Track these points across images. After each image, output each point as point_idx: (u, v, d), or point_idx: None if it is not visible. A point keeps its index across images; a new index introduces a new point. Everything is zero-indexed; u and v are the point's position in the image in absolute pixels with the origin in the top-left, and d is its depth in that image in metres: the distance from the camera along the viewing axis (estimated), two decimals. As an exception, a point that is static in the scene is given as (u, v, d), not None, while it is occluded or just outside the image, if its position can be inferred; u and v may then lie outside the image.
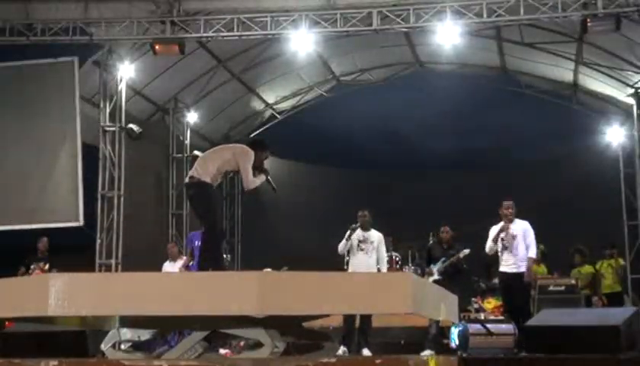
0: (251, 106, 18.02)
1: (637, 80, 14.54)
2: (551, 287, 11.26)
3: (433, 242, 11.03)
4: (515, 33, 14.15)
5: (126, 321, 5.43)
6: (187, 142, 16.41)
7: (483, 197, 13.16)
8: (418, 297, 4.72)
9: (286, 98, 18.13)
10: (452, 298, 6.13)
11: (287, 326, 5.30)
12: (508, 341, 9.12)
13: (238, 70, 15.96)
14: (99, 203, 13.29)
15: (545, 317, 8.46)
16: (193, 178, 6.91)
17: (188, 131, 16.53)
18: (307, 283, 4.63)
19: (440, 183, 17.57)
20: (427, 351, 8.74)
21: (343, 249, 9.55)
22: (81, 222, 12.72)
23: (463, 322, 9.77)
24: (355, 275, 6.85)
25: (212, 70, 15.50)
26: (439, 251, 10.10)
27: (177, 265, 11.35)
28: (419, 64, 17.06)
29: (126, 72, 13.70)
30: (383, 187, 17.61)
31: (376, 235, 9.55)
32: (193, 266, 10.79)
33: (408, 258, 13.42)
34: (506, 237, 9.28)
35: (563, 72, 15.87)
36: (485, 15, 12.18)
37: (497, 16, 12.17)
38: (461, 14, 12.34)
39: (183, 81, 15.65)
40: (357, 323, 9.00)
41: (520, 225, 9.33)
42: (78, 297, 4.55)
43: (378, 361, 4.74)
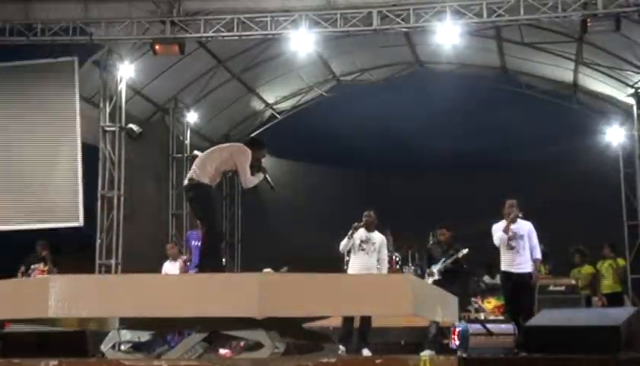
0: (251, 106, 18.02)
1: (637, 80, 14.54)
2: (551, 287, 11.26)
3: (432, 242, 11.04)
4: (515, 33, 14.16)
5: (126, 322, 5.43)
6: (187, 142, 16.41)
7: (483, 197, 13.16)
8: (418, 299, 4.72)
9: (286, 98, 18.14)
10: (451, 299, 6.14)
11: (287, 327, 5.30)
12: (508, 341, 9.14)
13: (238, 70, 15.96)
14: (99, 203, 13.29)
15: (545, 317, 8.45)
16: (192, 180, 6.92)
17: (188, 131, 16.54)
18: (307, 285, 4.64)
19: (440, 183, 17.55)
20: (427, 351, 8.73)
21: (344, 248, 9.52)
22: (81, 222, 12.72)
23: (463, 322, 9.79)
24: (355, 277, 6.85)
25: (212, 70, 15.51)
26: (438, 251, 10.13)
27: (178, 265, 11.39)
28: (419, 64, 17.06)
29: (126, 72, 13.71)
30: (383, 187, 17.61)
31: (378, 236, 9.54)
32: (191, 266, 10.82)
33: (408, 259, 13.42)
34: (513, 237, 9.18)
35: (563, 72, 15.87)
36: (485, 15, 12.19)
37: (497, 16, 12.17)
38: (461, 14, 12.35)
39: (183, 81, 15.65)
40: (357, 323, 9.01)
41: (525, 225, 9.26)
42: (79, 299, 4.56)
43: (378, 361, 4.74)
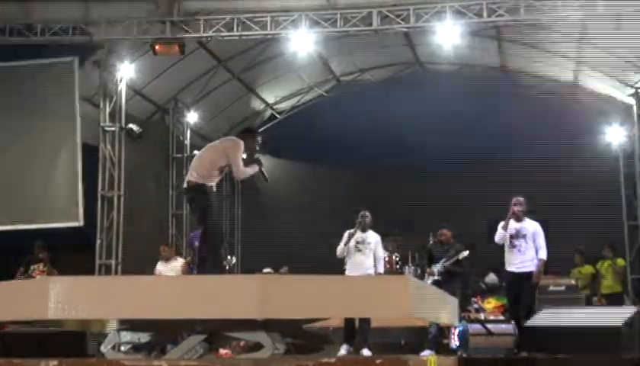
0: (250, 106, 18.01)
1: (637, 80, 14.53)
2: (551, 287, 11.26)
3: (433, 242, 11.04)
4: (515, 33, 14.15)
5: (126, 324, 5.43)
6: (187, 142, 16.41)
7: (483, 197, 13.17)
8: (417, 301, 4.73)
9: (285, 98, 18.14)
10: (451, 300, 6.14)
11: (287, 328, 5.30)
12: (508, 341, 9.15)
13: (238, 70, 15.95)
14: (99, 203, 13.28)
15: (545, 317, 8.46)
16: (190, 182, 6.94)
17: (188, 131, 16.53)
18: (307, 287, 4.64)
19: (440, 183, 17.52)
20: (427, 351, 8.74)
21: (341, 254, 9.51)
22: (81, 222, 12.71)
23: (463, 322, 9.79)
24: (354, 279, 6.84)
25: (212, 70, 15.50)
26: (439, 251, 10.13)
27: (170, 266, 11.37)
28: (419, 64, 17.05)
29: (126, 72, 13.70)
30: (383, 187, 17.58)
31: (373, 236, 9.52)
32: (193, 267, 10.82)
33: (408, 259, 13.42)
34: (515, 235, 8.98)
35: (563, 72, 15.85)
36: (485, 15, 12.18)
37: (497, 16, 12.17)
38: (461, 14, 12.34)
39: (183, 81, 15.64)
40: (357, 324, 9.02)
41: (531, 225, 9.03)
42: (78, 301, 4.55)
43: (378, 361, 4.73)
